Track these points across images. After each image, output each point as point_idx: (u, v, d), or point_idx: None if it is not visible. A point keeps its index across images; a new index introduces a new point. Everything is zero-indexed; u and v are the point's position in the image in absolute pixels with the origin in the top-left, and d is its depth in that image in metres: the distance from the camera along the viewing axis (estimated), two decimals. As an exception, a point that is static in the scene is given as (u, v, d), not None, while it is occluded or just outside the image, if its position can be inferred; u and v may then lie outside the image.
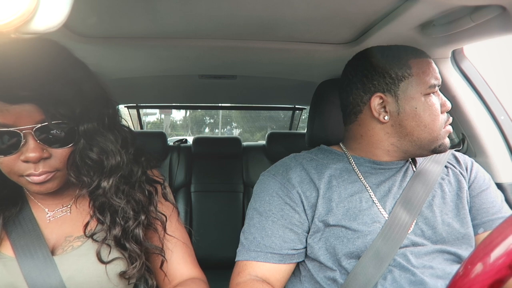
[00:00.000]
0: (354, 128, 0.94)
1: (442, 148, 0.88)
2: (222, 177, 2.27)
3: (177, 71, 1.62)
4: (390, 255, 0.80)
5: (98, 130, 0.75)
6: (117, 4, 0.90)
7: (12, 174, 0.71)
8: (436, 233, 0.85)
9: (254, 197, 0.93)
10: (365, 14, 0.97)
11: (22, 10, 0.39)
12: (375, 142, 0.91)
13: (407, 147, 0.89)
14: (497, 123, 1.22)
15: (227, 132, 7.88)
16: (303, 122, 3.11)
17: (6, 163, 0.69)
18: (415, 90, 0.85)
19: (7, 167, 0.70)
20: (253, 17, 0.99)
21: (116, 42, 1.17)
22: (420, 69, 0.86)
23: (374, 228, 0.83)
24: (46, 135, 0.69)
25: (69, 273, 0.73)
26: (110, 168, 0.76)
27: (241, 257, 0.87)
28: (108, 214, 0.77)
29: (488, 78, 1.23)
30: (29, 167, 0.69)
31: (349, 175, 0.91)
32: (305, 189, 0.88)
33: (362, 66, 0.92)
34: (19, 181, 0.72)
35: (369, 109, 0.89)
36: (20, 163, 0.69)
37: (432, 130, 0.86)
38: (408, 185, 0.90)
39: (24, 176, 0.70)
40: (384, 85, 0.87)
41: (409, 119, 0.86)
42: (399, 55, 0.88)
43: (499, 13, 0.84)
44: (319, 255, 0.84)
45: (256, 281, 0.83)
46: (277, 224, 0.87)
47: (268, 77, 1.73)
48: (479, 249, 0.41)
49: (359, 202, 0.86)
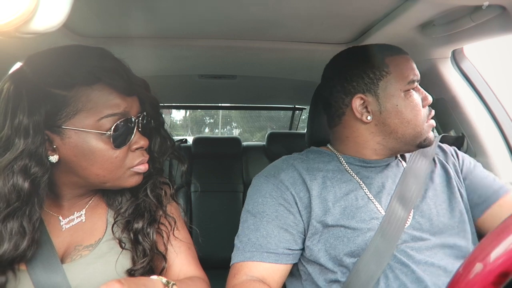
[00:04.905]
0: (340, 130, 0.95)
1: (427, 142, 0.89)
2: (222, 177, 2.27)
3: (177, 71, 1.62)
4: (390, 250, 0.81)
5: (159, 128, 0.81)
6: (117, 4, 0.90)
7: (121, 168, 0.71)
8: (433, 224, 0.86)
9: (247, 201, 0.94)
10: (365, 14, 0.97)
11: (22, 10, 0.39)
12: (361, 142, 0.92)
13: (393, 144, 0.90)
14: (497, 123, 1.22)
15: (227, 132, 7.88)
16: (303, 122, 3.11)
17: (120, 156, 0.70)
18: (395, 88, 0.86)
19: (120, 161, 0.71)
20: (253, 17, 0.99)
21: (116, 42, 1.17)
22: (397, 67, 0.87)
23: (373, 225, 0.84)
24: (145, 124, 0.75)
25: (77, 282, 0.73)
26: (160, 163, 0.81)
27: (236, 259, 0.87)
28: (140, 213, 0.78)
29: (488, 78, 1.23)
30: (139, 155, 0.73)
31: (342, 175, 0.91)
32: (298, 190, 0.89)
33: (340, 69, 0.93)
34: (123, 175, 0.73)
35: (351, 111, 0.90)
36: (130, 153, 0.72)
37: (415, 125, 0.87)
38: (401, 180, 0.91)
39: (132, 168, 0.72)
40: (363, 86, 0.88)
41: (392, 116, 0.87)
42: (375, 55, 0.89)
43: (499, 13, 0.84)
44: (319, 257, 0.84)
45: (253, 281, 0.82)
46: (272, 224, 0.87)
47: (268, 77, 1.73)
48: (478, 249, 0.41)
49: (355, 200, 0.87)
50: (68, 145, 0.67)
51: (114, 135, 0.68)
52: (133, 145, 0.72)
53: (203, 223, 2.12)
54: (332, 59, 0.97)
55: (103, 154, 0.68)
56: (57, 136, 0.67)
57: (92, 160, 0.68)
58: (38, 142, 0.64)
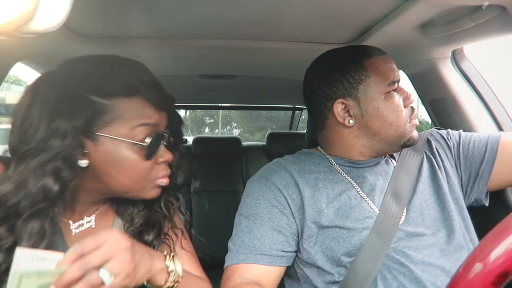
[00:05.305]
0: (326, 134, 0.96)
1: (411, 142, 0.89)
2: (222, 177, 2.27)
3: (177, 71, 1.62)
4: (386, 247, 0.81)
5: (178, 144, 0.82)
6: (117, 4, 0.90)
7: (146, 179, 0.72)
8: (424, 218, 0.86)
9: (241, 204, 0.94)
10: (365, 14, 0.97)
11: (22, 10, 0.39)
12: (347, 146, 0.92)
13: (378, 146, 0.90)
14: (497, 123, 1.22)
15: (227, 132, 7.88)
16: (303, 122, 3.11)
17: (148, 167, 0.71)
18: (375, 91, 0.86)
19: (147, 172, 0.72)
20: (253, 17, 0.99)
21: (116, 42, 1.17)
22: (375, 69, 0.86)
23: (367, 223, 0.84)
24: (170, 139, 0.78)
25: None
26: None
27: (230, 262, 0.87)
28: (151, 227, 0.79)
29: (488, 78, 1.23)
30: (163, 168, 0.74)
31: (333, 175, 0.91)
32: (291, 192, 0.89)
33: (319, 74, 0.93)
34: (147, 187, 0.74)
35: (334, 115, 0.90)
36: (156, 166, 0.73)
37: (397, 126, 0.87)
38: (393, 176, 0.91)
39: (156, 180, 0.74)
40: (343, 90, 0.88)
41: (374, 119, 0.87)
42: (353, 58, 0.88)
43: (499, 13, 0.84)
44: (316, 260, 0.84)
45: (247, 284, 0.82)
46: (265, 226, 0.87)
47: (268, 77, 1.73)
48: (478, 249, 0.41)
49: (348, 200, 0.87)
50: (100, 152, 0.68)
51: (145, 146, 0.70)
52: (159, 158, 0.73)
53: (203, 223, 2.12)
54: (312, 63, 0.97)
55: (132, 164, 0.70)
56: (91, 141, 0.68)
57: (121, 168, 0.70)
58: (73, 147, 0.65)
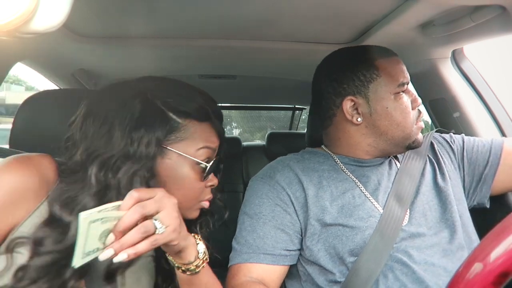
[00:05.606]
0: (332, 132, 0.96)
1: (416, 144, 0.90)
2: (222, 177, 2.27)
3: (177, 71, 1.62)
4: (388, 248, 0.81)
5: (217, 173, 0.84)
6: (117, 4, 0.90)
7: (195, 199, 0.75)
8: (427, 219, 0.87)
9: (244, 203, 0.94)
10: (365, 14, 0.97)
11: (22, 10, 0.39)
12: (353, 143, 0.93)
13: (383, 146, 0.91)
14: (497, 123, 1.22)
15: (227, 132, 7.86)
16: (303, 122, 3.11)
17: (200, 189, 0.75)
18: (385, 90, 0.87)
19: (198, 193, 0.75)
20: (253, 17, 0.99)
21: (116, 42, 1.17)
22: (387, 69, 0.87)
23: (371, 222, 0.84)
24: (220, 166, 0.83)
25: None
26: None
27: (234, 261, 0.87)
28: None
29: (488, 78, 1.23)
30: (209, 192, 0.78)
31: (337, 174, 0.92)
32: (294, 190, 0.89)
33: (331, 71, 0.93)
34: (193, 207, 0.76)
35: (342, 112, 0.90)
36: (205, 189, 0.76)
37: (404, 127, 0.88)
38: (396, 179, 0.92)
39: (201, 202, 0.76)
40: (354, 88, 0.88)
41: (382, 119, 0.87)
42: (365, 57, 0.89)
43: (499, 13, 0.84)
44: (319, 258, 0.84)
45: (252, 282, 0.83)
46: (268, 225, 0.87)
47: (268, 77, 1.73)
48: (478, 249, 0.41)
49: (352, 199, 0.87)
50: (165, 165, 0.71)
51: (205, 167, 0.74)
52: (209, 182, 0.77)
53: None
54: (323, 60, 0.98)
55: (190, 182, 0.73)
56: (159, 154, 0.71)
57: (179, 185, 0.72)
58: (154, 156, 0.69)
